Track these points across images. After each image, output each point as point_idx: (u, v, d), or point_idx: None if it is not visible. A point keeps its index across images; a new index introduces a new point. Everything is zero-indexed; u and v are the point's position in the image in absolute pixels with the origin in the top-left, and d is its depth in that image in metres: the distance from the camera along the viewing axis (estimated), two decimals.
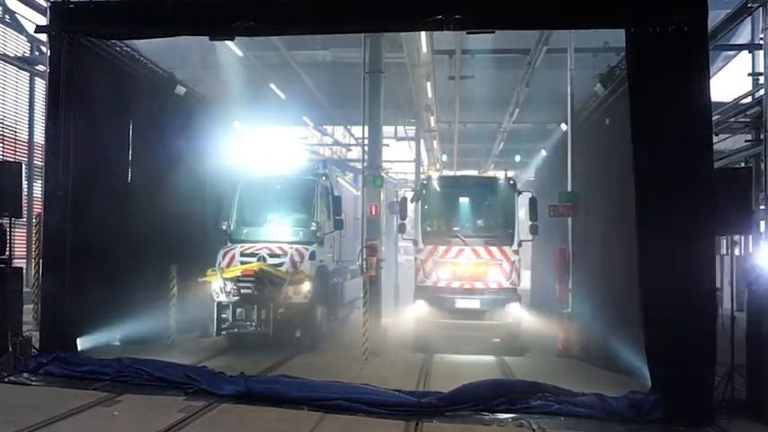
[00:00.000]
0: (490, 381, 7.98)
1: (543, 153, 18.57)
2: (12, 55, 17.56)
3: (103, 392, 7.54)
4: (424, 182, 12.82)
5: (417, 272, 11.95)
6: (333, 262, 13.16)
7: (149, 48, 11.91)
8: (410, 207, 12.41)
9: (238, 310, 10.78)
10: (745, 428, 6.80)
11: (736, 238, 8.28)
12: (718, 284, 13.60)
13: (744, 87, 17.99)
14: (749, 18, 13.92)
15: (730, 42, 16.84)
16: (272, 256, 11.13)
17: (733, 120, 17.26)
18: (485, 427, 6.73)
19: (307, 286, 11.05)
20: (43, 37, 14.43)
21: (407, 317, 12.57)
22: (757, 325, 7.20)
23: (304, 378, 7.94)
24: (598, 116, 11.55)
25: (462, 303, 11.40)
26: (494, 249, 11.57)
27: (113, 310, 10.17)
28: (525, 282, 16.56)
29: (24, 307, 9.43)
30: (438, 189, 12.52)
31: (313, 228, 11.77)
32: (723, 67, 19.97)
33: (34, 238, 13.63)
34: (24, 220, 15.73)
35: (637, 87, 7.73)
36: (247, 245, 11.47)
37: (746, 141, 18.00)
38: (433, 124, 21.12)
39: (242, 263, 11.00)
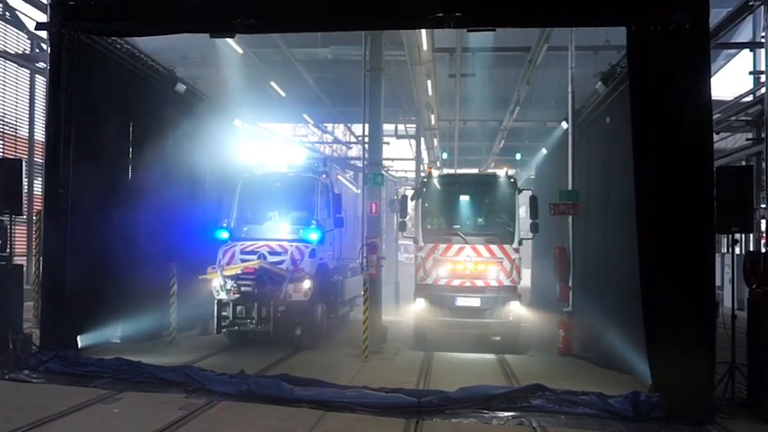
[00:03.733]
0: (492, 385, 7.96)
1: (544, 151, 18.56)
2: (12, 52, 17.55)
3: (104, 390, 7.55)
4: (425, 180, 12.80)
5: (418, 270, 11.95)
6: (333, 260, 13.15)
7: (150, 45, 11.91)
8: (410, 205, 12.38)
9: (239, 307, 10.79)
10: (746, 427, 6.80)
11: (737, 236, 8.25)
12: (718, 283, 13.65)
13: (745, 86, 18.02)
14: (750, 16, 13.89)
15: (731, 41, 16.83)
16: (273, 253, 11.12)
17: (734, 118, 17.28)
18: (485, 426, 6.73)
19: (307, 284, 11.05)
20: (44, 34, 14.48)
21: (408, 315, 12.57)
22: (758, 323, 7.20)
23: (305, 378, 7.94)
24: (599, 114, 11.55)
25: (463, 301, 11.40)
26: (494, 247, 11.56)
27: (113, 307, 10.18)
28: (526, 280, 16.58)
29: (25, 304, 9.43)
30: (438, 187, 12.50)
31: (313, 225, 11.76)
32: (724, 65, 19.98)
33: (34, 236, 13.65)
34: (25, 217, 15.75)
35: (638, 85, 7.73)
36: (248, 242, 11.46)
37: (747, 140, 18.02)
38: (433, 122, 21.09)
39: (242, 260, 11.01)
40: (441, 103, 19.66)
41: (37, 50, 18.14)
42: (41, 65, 17.61)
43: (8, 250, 9.09)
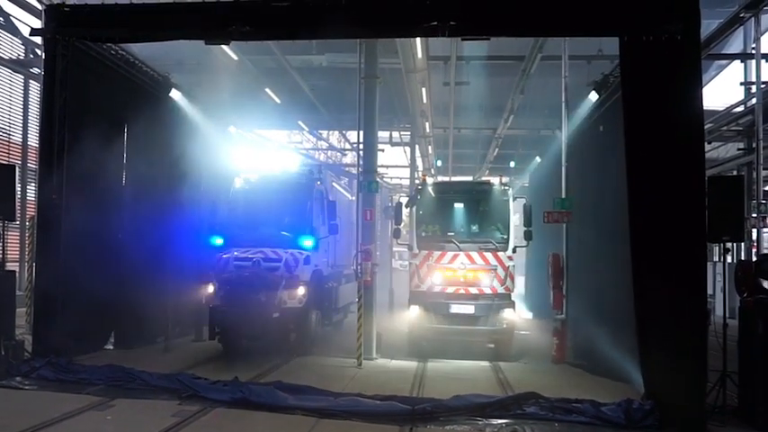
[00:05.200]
0: (486, 394, 7.96)
1: (538, 159, 18.65)
2: (6, 58, 17.53)
3: (97, 397, 7.51)
4: (419, 187, 12.84)
5: (412, 277, 11.96)
6: (328, 266, 13.14)
7: (145, 52, 11.90)
8: (405, 212, 12.39)
9: (232, 314, 10.76)
10: None
11: (728, 245, 8.32)
12: (710, 291, 13.71)
13: (736, 96, 18.17)
14: (741, 28, 14.05)
15: (723, 51, 17.00)
16: (267, 260, 11.10)
17: (725, 128, 17.42)
18: None
19: (301, 291, 11.03)
20: (38, 40, 14.47)
21: (402, 322, 12.57)
22: (749, 331, 7.26)
23: (299, 385, 7.93)
24: (592, 123, 11.63)
25: (457, 309, 11.41)
26: (488, 255, 11.59)
27: (107, 313, 10.14)
28: (520, 287, 16.62)
29: (17, 310, 9.37)
30: (433, 194, 12.54)
31: (308, 232, 11.75)
32: (715, 75, 20.16)
33: (27, 242, 13.58)
34: (18, 223, 15.67)
35: (630, 95, 7.80)
36: (242, 249, 11.44)
37: (739, 150, 18.17)
38: (427, 130, 21.17)
39: (237, 267, 10.99)
40: (435, 111, 19.74)
41: (31, 56, 18.13)
42: (36, 70, 17.60)
43: (1, 256, 9.05)
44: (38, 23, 13.68)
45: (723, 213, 7.39)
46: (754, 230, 16.17)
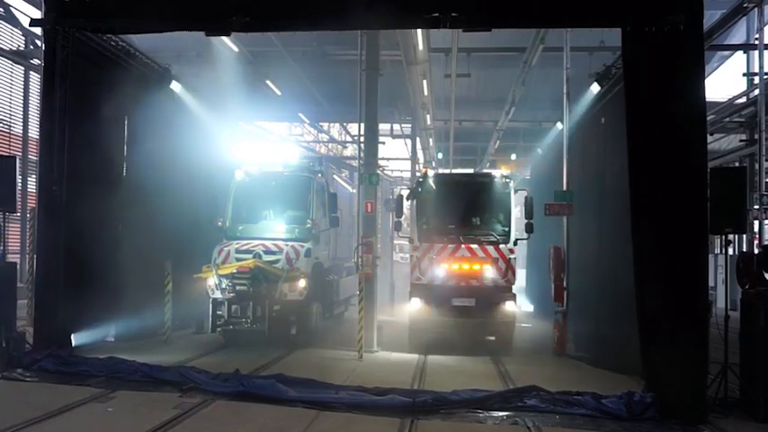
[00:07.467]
0: (486, 389, 7.95)
1: (539, 152, 18.61)
2: (6, 49, 17.48)
3: (98, 389, 7.51)
4: (421, 180, 12.81)
5: (413, 269, 11.95)
6: (328, 259, 13.15)
7: (145, 43, 11.87)
8: (406, 205, 12.36)
9: (233, 306, 10.79)
10: (739, 426, 6.83)
11: (730, 237, 8.29)
12: (711, 283, 13.71)
13: (738, 87, 18.11)
14: (744, 18, 13.97)
15: (725, 42, 16.92)
16: (268, 252, 11.12)
17: (728, 119, 17.40)
18: (480, 425, 6.75)
19: (302, 283, 11.05)
20: (38, 31, 14.43)
21: (403, 315, 12.58)
22: (750, 323, 7.25)
23: (300, 378, 7.93)
24: (594, 115, 11.58)
25: (458, 301, 11.41)
26: (489, 247, 11.58)
27: (108, 305, 10.14)
28: (521, 280, 16.62)
29: (18, 302, 9.38)
30: (434, 187, 12.50)
31: (309, 225, 11.76)
32: (718, 66, 20.08)
33: (28, 233, 13.59)
34: (18, 214, 15.67)
35: (632, 86, 7.75)
36: (243, 241, 11.45)
37: (741, 141, 18.15)
38: (428, 122, 21.11)
39: (237, 260, 10.99)
40: (436, 103, 19.67)
41: (31, 47, 18.10)
42: (36, 62, 17.56)
43: (2, 248, 9.05)
44: (38, 14, 13.61)
45: (725, 205, 7.37)
46: (756, 222, 16.15)
